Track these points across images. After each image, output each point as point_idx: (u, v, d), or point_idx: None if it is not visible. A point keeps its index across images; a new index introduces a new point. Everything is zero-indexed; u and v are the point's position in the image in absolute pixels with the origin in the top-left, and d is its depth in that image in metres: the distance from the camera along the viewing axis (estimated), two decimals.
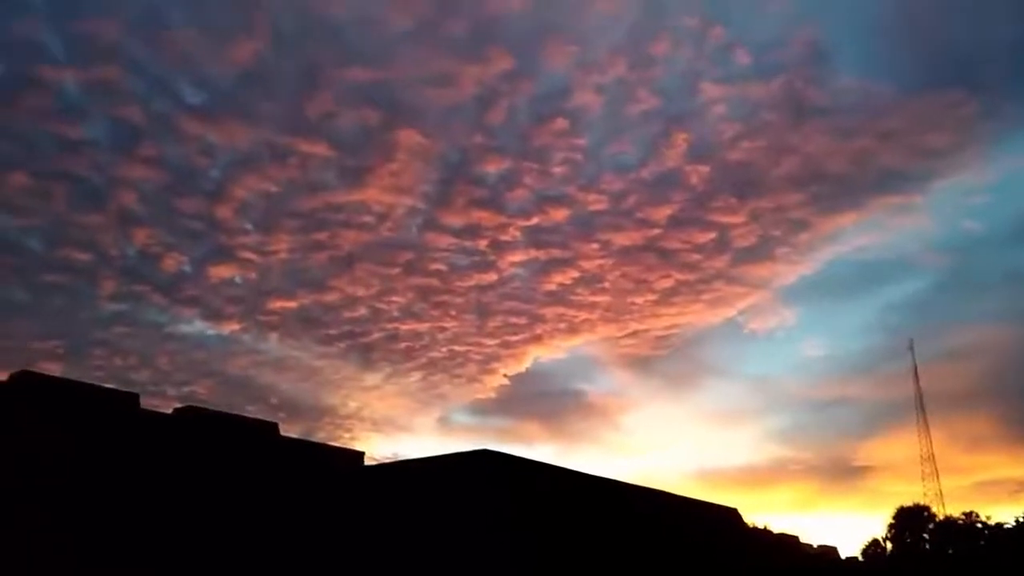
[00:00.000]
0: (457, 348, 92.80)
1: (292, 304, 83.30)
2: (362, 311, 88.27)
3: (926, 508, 63.61)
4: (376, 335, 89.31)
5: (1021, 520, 56.11)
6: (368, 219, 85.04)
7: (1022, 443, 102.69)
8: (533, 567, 25.00)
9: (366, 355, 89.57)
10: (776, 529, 51.38)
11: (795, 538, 48.17)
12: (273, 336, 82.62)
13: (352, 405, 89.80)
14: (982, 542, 56.92)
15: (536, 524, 26.05)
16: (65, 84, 68.66)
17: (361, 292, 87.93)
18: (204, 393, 74.05)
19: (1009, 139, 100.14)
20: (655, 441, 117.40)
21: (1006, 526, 57.63)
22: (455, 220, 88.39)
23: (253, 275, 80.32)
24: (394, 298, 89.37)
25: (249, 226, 79.68)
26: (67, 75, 68.52)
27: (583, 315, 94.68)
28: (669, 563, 29.78)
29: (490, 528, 25.07)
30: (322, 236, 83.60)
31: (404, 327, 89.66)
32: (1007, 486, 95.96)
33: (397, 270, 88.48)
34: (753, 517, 54.21)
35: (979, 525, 59.15)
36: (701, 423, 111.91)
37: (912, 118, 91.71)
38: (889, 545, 62.70)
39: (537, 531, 25.91)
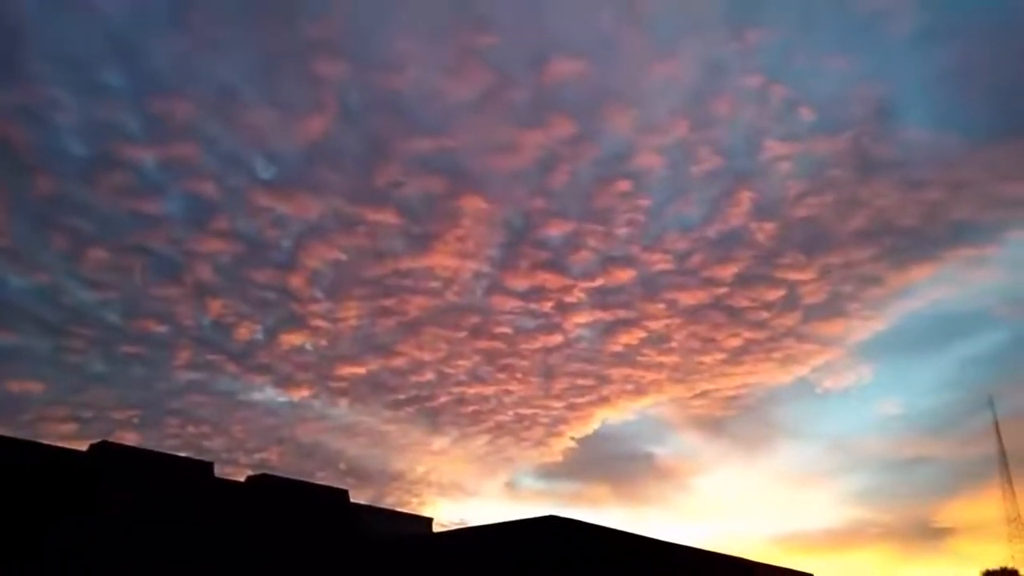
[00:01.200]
0: (523, 411, 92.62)
1: (361, 370, 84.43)
2: (429, 375, 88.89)
3: (1014, 572, 60.67)
4: (443, 399, 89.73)
5: None
6: (434, 284, 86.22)
7: None
8: None
9: (433, 419, 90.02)
10: None
11: None
12: (343, 402, 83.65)
13: (420, 470, 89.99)
14: None
15: None
16: (143, 162, 71.92)
17: (428, 357, 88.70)
18: (275, 460, 75.10)
19: None
20: (727, 504, 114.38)
21: None
22: (520, 283, 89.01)
23: (323, 342, 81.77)
24: (460, 362, 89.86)
25: (319, 294, 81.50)
26: (145, 153, 71.89)
27: (650, 376, 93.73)
28: None
29: None
30: (390, 302, 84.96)
31: (470, 391, 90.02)
32: None
33: (463, 334, 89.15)
34: None
35: None
36: (775, 485, 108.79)
37: (983, 168, 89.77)
38: None
39: None
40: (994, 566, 62.79)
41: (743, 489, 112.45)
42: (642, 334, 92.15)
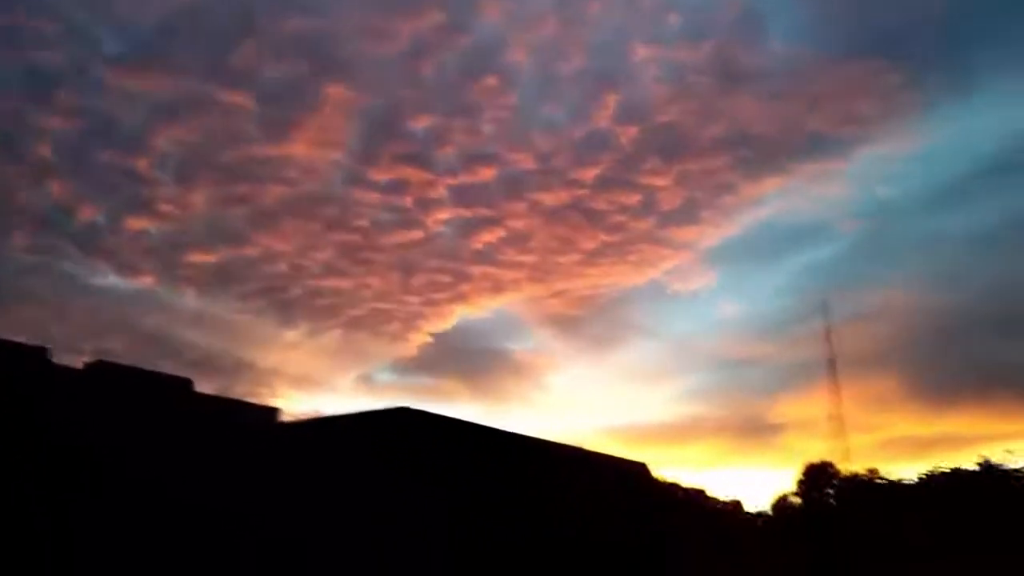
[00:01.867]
0: (380, 306, 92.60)
1: (210, 258, 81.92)
2: (282, 267, 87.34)
3: (832, 464, 66.25)
4: (297, 291, 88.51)
5: (922, 477, 58.64)
6: (291, 173, 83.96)
7: (926, 404, 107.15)
8: (448, 522, 25.62)
9: (286, 312, 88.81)
10: (686, 484, 53.28)
11: (701, 492, 49.96)
12: (190, 291, 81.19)
13: (271, 362, 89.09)
14: (883, 497, 59.56)
15: (451, 480, 26.59)
16: None
17: (282, 247, 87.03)
18: (118, 348, 72.85)
19: (931, 110, 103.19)
20: (577, 399, 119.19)
21: (906, 482, 60.26)
22: (381, 176, 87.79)
23: (171, 228, 78.63)
24: (316, 254, 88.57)
25: (168, 177, 77.84)
26: None
27: (509, 274, 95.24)
28: (579, 514, 30.75)
29: (406, 484, 25.52)
30: (243, 189, 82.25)
31: (326, 284, 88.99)
32: (910, 444, 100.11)
33: (319, 225, 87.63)
34: (666, 472, 56.06)
35: (880, 481, 61.89)
36: (622, 381, 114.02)
37: (838, 84, 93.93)
38: (797, 499, 65.33)
39: (452, 487, 26.47)
40: (816, 460, 68.20)
41: (593, 385, 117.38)
42: (502, 233, 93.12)
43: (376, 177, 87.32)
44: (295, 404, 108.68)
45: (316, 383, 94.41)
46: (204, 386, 30.61)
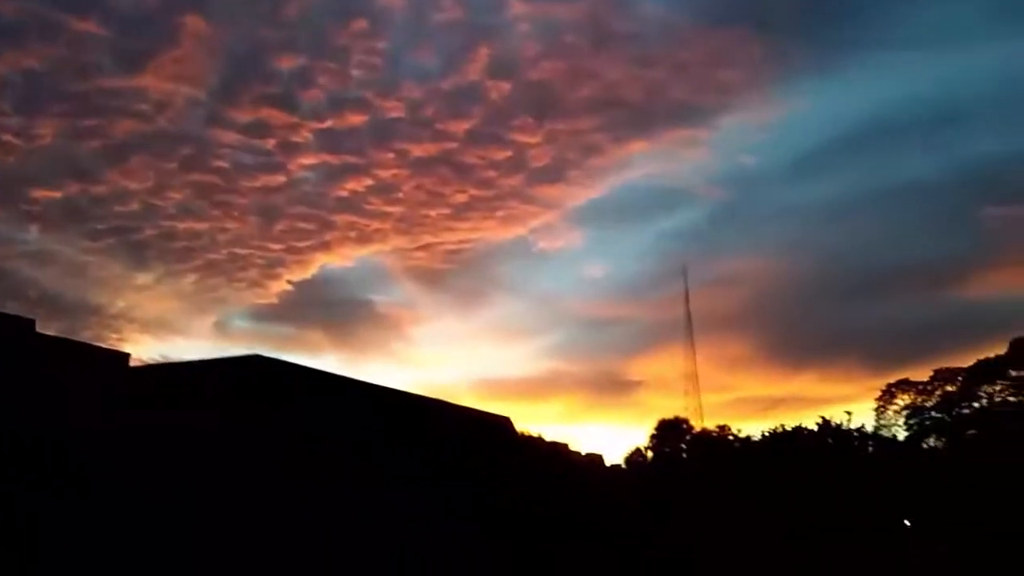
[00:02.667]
0: (238, 251, 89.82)
1: (56, 194, 77.54)
2: (135, 206, 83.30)
3: (685, 421, 69.12)
4: (149, 232, 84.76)
5: (766, 434, 61.65)
6: (145, 107, 79.69)
7: (775, 365, 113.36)
8: (299, 475, 25.12)
9: (138, 253, 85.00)
10: (548, 438, 54.26)
11: (564, 446, 51.03)
12: (33, 227, 76.83)
13: (121, 305, 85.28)
14: (730, 452, 62.52)
15: (304, 431, 26.08)
16: None
17: (134, 186, 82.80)
18: None
19: (792, 81, 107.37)
20: (441, 353, 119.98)
21: (754, 439, 63.39)
22: (242, 116, 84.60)
23: (12, 160, 73.63)
24: (171, 194, 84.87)
25: (9, 107, 72.82)
26: None
27: (375, 224, 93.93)
28: (439, 468, 30.80)
29: (257, 435, 24.84)
30: (93, 123, 77.80)
31: (181, 226, 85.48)
32: (759, 403, 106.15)
33: (175, 164, 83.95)
34: (528, 426, 57.02)
35: (730, 437, 64.94)
36: (486, 337, 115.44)
37: (706, 53, 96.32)
38: (650, 454, 67.83)
39: (305, 439, 25.96)
40: (670, 416, 70.95)
41: (457, 339, 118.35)
42: (369, 182, 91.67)
43: (237, 117, 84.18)
44: (146, 350, 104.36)
45: (170, 328, 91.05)
46: (47, 328, 28.98)
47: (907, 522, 45.88)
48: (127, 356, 30.38)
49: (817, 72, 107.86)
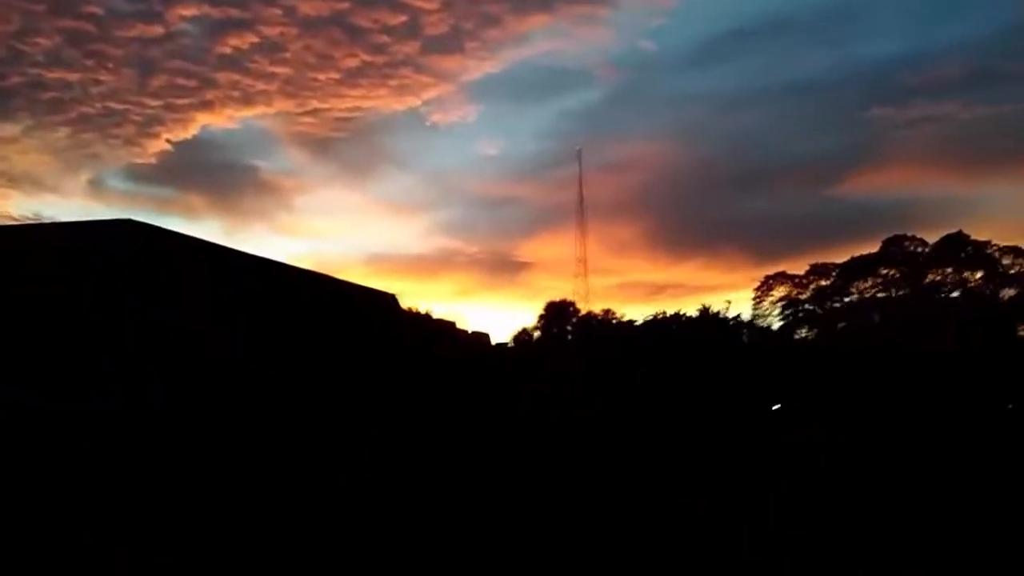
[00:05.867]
0: (113, 105, 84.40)
1: None
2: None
3: (572, 303, 70.23)
4: (15, 80, 78.63)
5: (647, 319, 63.22)
6: None
7: (662, 251, 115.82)
8: (170, 345, 23.99)
9: (3, 102, 78.77)
10: (437, 315, 54.17)
11: (451, 324, 50.99)
12: None
13: None
14: (612, 334, 64.02)
15: (178, 302, 24.79)
16: None
17: None
18: None
19: None
20: (328, 225, 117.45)
21: (636, 323, 64.99)
22: None
23: None
24: (39, 40, 78.43)
25: None
26: None
27: (260, 85, 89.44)
28: (319, 344, 30.08)
29: (125, 304, 23.46)
30: None
31: (50, 75, 79.47)
32: (646, 288, 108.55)
33: (42, 7, 77.40)
34: (418, 303, 56.69)
35: (613, 321, 66.42)
36: (376, 211, 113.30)
37: None
38: (537, 334, 68.91)
39: (178, 309, 24.70)
40: (558, 298, 71.90)
41: (344, 211, 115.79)
42: (254, 39, 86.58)
43: None
44: (16, 206, 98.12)
45: (40, 185, 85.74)
46: None
47: (775, 408, 47.92)
48: None
49: None
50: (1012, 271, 67.98)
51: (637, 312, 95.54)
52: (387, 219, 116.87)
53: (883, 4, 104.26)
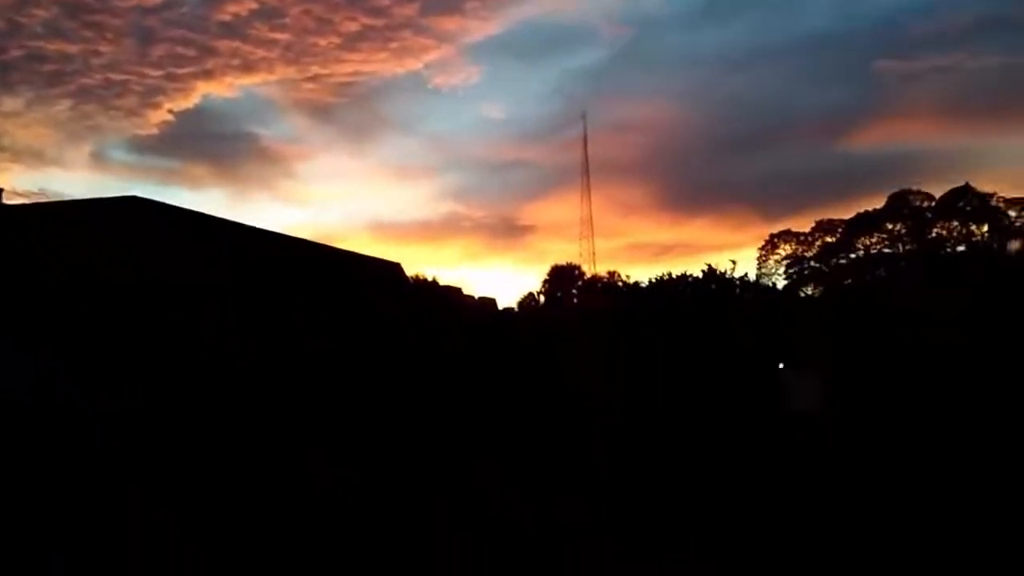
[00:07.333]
0: (114, 76, 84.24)
1: None
2: None
3: (577, 267, 70.37)
4: (15, 53, 78.52)
5: (652, 280, 63.02)
6: None
7: (667, 212, 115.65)
8: (179, 322, 24.35)
9: (4, 76, 78.60)
10: (443, 281, 54.45)
11: (458, 290, 51.28)
12: None
13: None
14: (619, 296, 64.10)
15: (186, 279, 25.14)
16: None
17: None
18: None
19: None
20: (331, 192, 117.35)
21: (642, 285, 64.93)
22: None
23: None
24: (37, 11, 78.19)
25: None
26: None
27: (260, 52, 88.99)
28: (326, 316, 30.45)
29: (135, 281, 23.81)
30: None
31: (50, 47, 79.20)
32: (652, 249, 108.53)
33: None
34: (424, 269, 56.95)
35: (620, 284, 66.53)
36: (379, 176, 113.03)
37: None
38: (542, 298, 69.17)
39: (186, 286, 25.04)
40: (564, 262, 72.00)
41: (347, 178, 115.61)
42: (253, 5, 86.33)
43: None
44: (20, 180, 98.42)
45: (43, 158, 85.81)
46: None
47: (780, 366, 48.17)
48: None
49: None
50: (1018, 223, 67.78)
51: (643, 273, 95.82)
52: (391, 185, 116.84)
53: None
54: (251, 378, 24.06)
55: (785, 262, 73.32)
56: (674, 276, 60.01)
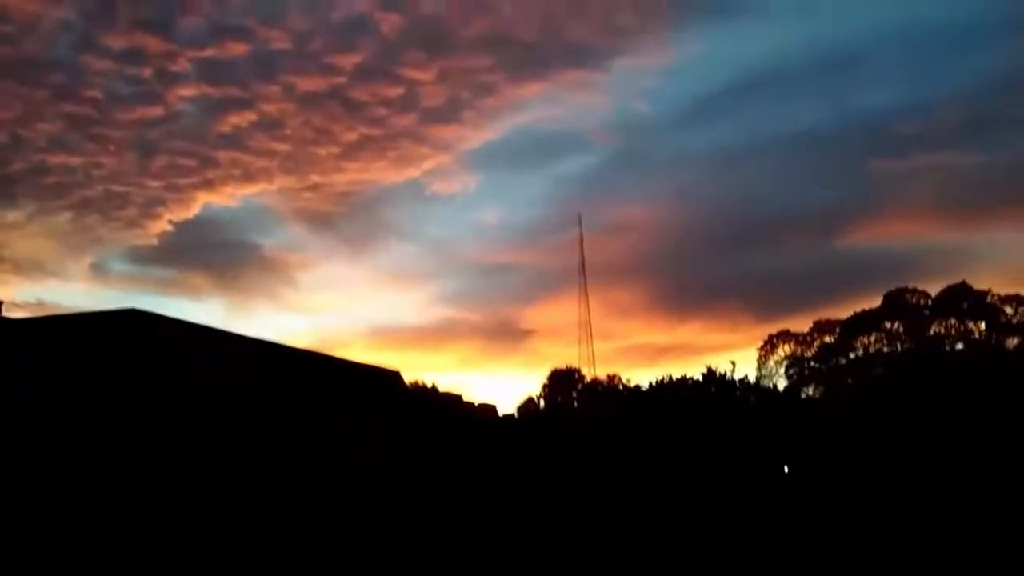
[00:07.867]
0: (115, 188, 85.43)
1: None
2: (2, 137, 78.32)
3: (576, 370, 69.93)
4: (19, 166, 79.85)
5: (653, 384, 62.94)
6: (9, 29, 74.79)
7: (662, 313, 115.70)
8: (177, 435, 24.11)
9: (7, 188, 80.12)
10: (443, 387, 54.14)
11: (458, 397, 50.91)
12: None
13: None
14: (619, 400, 63.72)
15: (184, 390, 24.99)
16: None
17: (1, 115, 77.90)
18: None
19: (688, 26, 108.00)
20: (331, 299, 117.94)
21: (642, 388, 64.66)
22: (116, 42, 79.96)
23: None
24: (41, 125, 80.00)
25: None
26: None
27: (260, 162, 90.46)
28: (324, 427, 30.17)
29: (132, 395, 23.67)
30: None
31: (53, 160, 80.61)
32: (648, 351, 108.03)
33: (45, 93, 79.27)
34: (422, 375, 56.64)
35: (620, 387, 66.14)
36: (378, 283, 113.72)
37: None
38: (542, 403, 68.59)
39: (184, 398, 24.89)
40: (563, 365, 71.64)
41: (347, 285, 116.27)
42: (254, 117, 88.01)
43: (110, 43, 79.45)
44: (20, 292, 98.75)
45: (44, 270, 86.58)
46: None
47: (786, 468, 47.70)
48: None
49: (713, 17, 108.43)
50: (1015, 320, 67.93)
51: (642, 376, 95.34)
52: (389, 291, 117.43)
53: (880, 55, 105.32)
54: (261, 495, 23.68)
55: (785, 363, 73.21)
56: (674, 379, 59.98)
